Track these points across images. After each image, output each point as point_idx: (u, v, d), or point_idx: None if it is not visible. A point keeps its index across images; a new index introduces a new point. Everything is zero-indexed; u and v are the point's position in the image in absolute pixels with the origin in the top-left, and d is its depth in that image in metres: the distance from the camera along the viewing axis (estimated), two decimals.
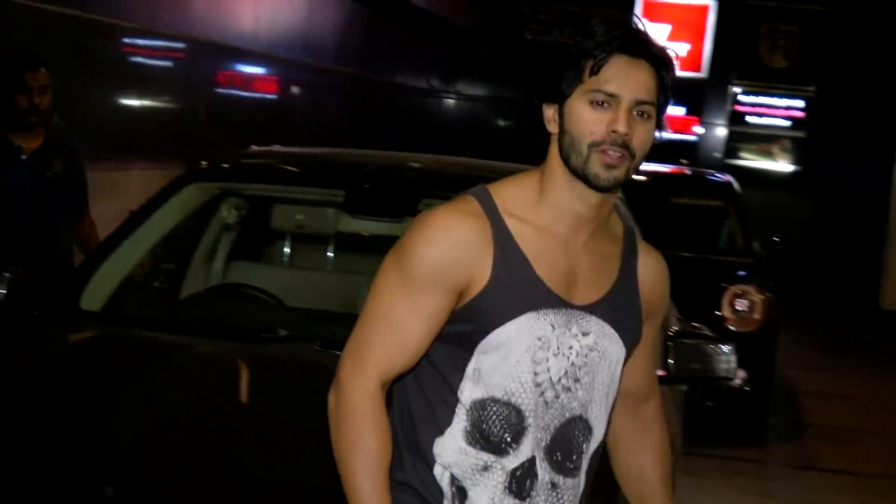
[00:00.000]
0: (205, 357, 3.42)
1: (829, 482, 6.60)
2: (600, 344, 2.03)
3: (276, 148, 4.77)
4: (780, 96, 18.41)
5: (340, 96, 13.66)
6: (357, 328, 1.99)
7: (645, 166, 10.17)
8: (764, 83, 18.42)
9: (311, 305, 4.21)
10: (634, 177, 2.01)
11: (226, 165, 4.31)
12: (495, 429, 1.97)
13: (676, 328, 3.59)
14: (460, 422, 1.99)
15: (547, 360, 1.98)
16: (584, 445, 2.06)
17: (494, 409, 1.97)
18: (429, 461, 2.01)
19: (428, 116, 17.12)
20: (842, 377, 9.72)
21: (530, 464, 2.00)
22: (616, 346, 2.05)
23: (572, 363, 2.00)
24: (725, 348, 3.48)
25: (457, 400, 1.99)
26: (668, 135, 18.70)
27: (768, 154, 18.53)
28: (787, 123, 18.44)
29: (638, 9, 18.49)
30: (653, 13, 18.51)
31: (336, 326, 3.92)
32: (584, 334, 2.01)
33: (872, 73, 17.18)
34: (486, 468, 1.98)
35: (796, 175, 18.31)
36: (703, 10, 18.44)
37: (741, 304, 7.44)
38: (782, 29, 18.19)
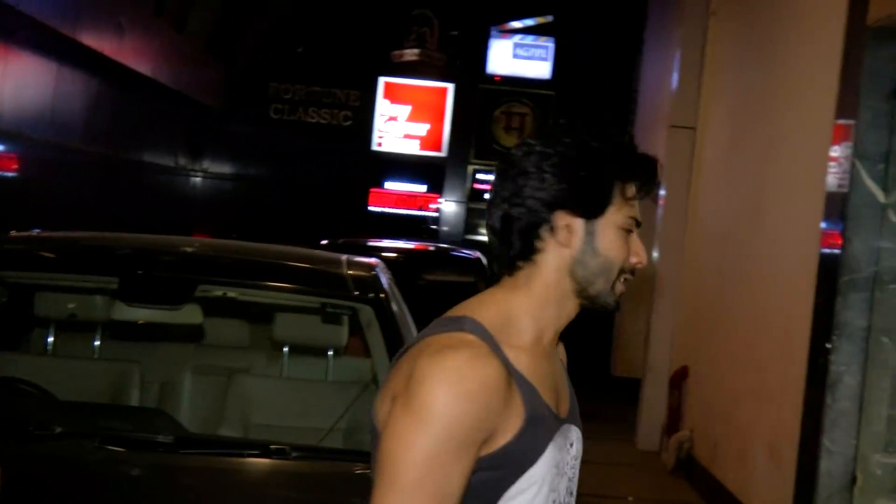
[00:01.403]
0: None
1: None
2: (579, 450, 1.95)
3: (37, 233, 4.71)
4: None
5: (87, 175, 13.37)
6: None
7: (394, 244, 10.54)
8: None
9: (83, 398, 4.16)
10: (388, 255, 1.92)
11: None
12: None
13: None
14: None
15: (559, 483, 1.87)
16: None
17: None
18: None
19: (176, 194, 16.95)
20: (587, 443, 10.15)
21: None
22: (581, 449, 1.96)
23: (569, 478, 1.92)
24: None
25: None
26: (410, 211, 19.20)
27: None
28: None
29: (380, 90, 18.99)
30: (394, 94, 19.02)
31: (114, 420, 3.92)
32: (571, 445, 1.91)
33: None
34: None
35: None
36: (442, 92, 19.08)
37: None
38: (515, 111, 19.00)
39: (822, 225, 6.12)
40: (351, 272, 4.27)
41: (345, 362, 4.86)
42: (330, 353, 4.73)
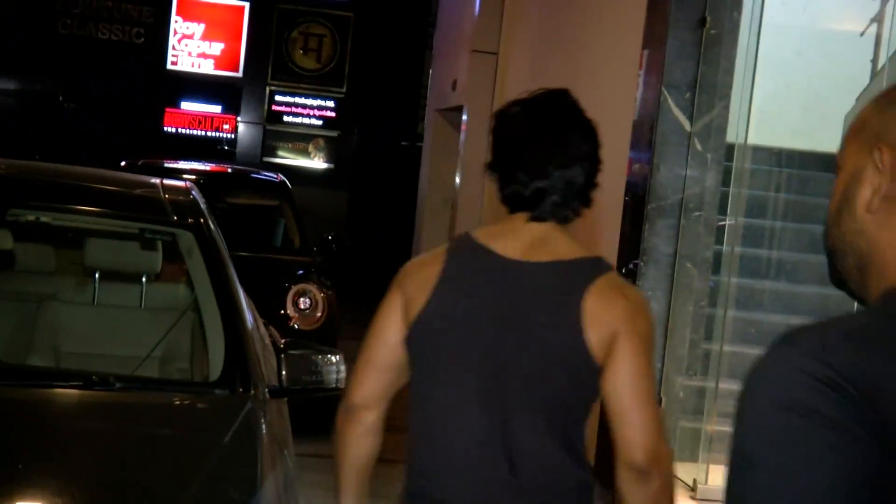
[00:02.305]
0: None
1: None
2: None
3: None
4: (313, 97, 18.91)
5: None
6: (650, 409, 2.31)
7: (191, 165, 10.26)
8: (298, 84, 18.85)
9: None
10: (188, 177, 2.06)
11: None
12: None
13: (285, 340, 3.69)
14: None
15: None
16: None
17: None
18: None
19: None
20: None
21: None
22: None
23: None
24: (334, 358, 3.62)
25: None
26: (206, 133, 18.75)
27: (304, 153, 19.00)
28: (320, 123, 19.00)
29: (173, 6, 18.35)
30: (188, 12, 18.43)
31: None
32: None
33: (397, 74, 18.13)
34: None
35: (330, 172, 18.96)
36: (239, 10, 18.60)
37: (304, 303, 7.69)
38: (313, 32, 18.72)
39: (630, 153, 6.25)
40: (168, 196, 4.12)
41: (159, 288, 4.72)
42: (143, 279, 4.58)
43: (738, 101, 6.02)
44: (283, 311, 7.58)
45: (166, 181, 4.42)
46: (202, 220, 3.97)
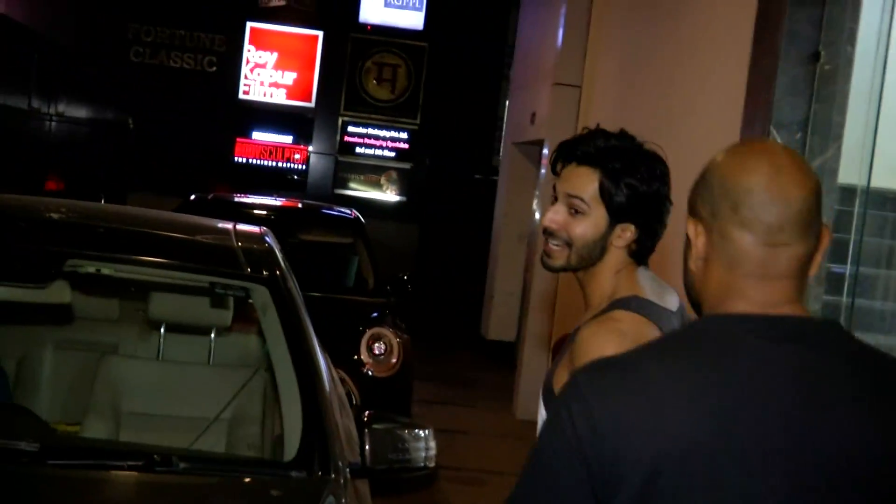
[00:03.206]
0: None
1: None
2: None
3: None
4: (387, 128, 18.61)
5: None
6: None
7: (262, 201, 9.94)
8: (371, 114, 18.57)
9: None
10: (258, 212, 2.02)
11: None
12: None
13: (368, 413, 3.29)
14: None
15: None
16: None
17: None
18: None
19: (28, 138, 15.90)
20: (465, 411, 9.85)
21: None
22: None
23: None
24: (423, 432, 3.22)
25: None
26: (276, 163, 18.53)
27: (376, 185, 18.71)
28: (393, 154, 18.71)
29: (246, 35, 18.18)
30: (261, 41, 18.25)
31: None
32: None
33: (472, 106, 17.80)
34: None
35: (401, 205, 18.65)
36: (313, 39, 18.37)
37: (378, 348, 7.31)
38: (387, 62, 18.46)
39: None
40: (242, 244, 3.75)
41: (228, 341, 4.35)
42: (212, 333, 4.21)
43: (852, 141, 5.57)
44: (356, 357, 7.20)
45: (240, 227, 4.05)
46: (278, 273, 3.59)
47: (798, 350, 1.65)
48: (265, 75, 18.37)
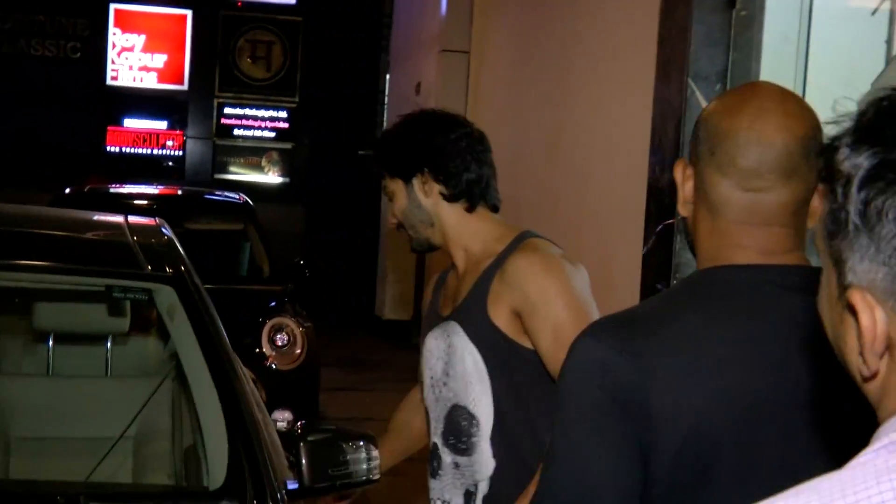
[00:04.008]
0: None
1: None
2: (452, 340, 2.62)
3: None
4: (265, 108, 18.12)
5: None
6: None
7: (141, 189, 9.39)
8: (247, 95, 18.04)
9: None
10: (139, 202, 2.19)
11: None
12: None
13: (301, 423, 2.88)
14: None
15: (432, 364, 2.68)
16: (472, 429, 2.59)
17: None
18: None
19: None
20: (369, 396, 9.51)
21: (434, 448, 2.69)
22: (461, 339, 2.60)
23: (444, 362, 2.63)
24: (362, 441, 2.83)
25: None
26: (151, 151, 17.87)
27: (257, 167, 18.21)
28: (273, 135, 18.22)
29: (111, 19, 17.41)
30: (126, 23, 17.51)
31: None
32: (447, 336, 2.64)
33: (352, 80, 17.42)
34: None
35: (285, 187, 18.16)
36: (181, 19, 17.69)
37: (281, 339, 6.88)
38: (261, 39, 17.91)
39: (651, 157, 5.54)
40: (138, 238, 3.29)
41: (128, 349, 3.89)
42: (108, 341, 3.75)
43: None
44: (258, 350, 6.76)
45: (132, 219, 3.59)
46: (184, 269, 3.15)
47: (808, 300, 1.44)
48: (133, 59, 17.64)
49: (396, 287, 13.13)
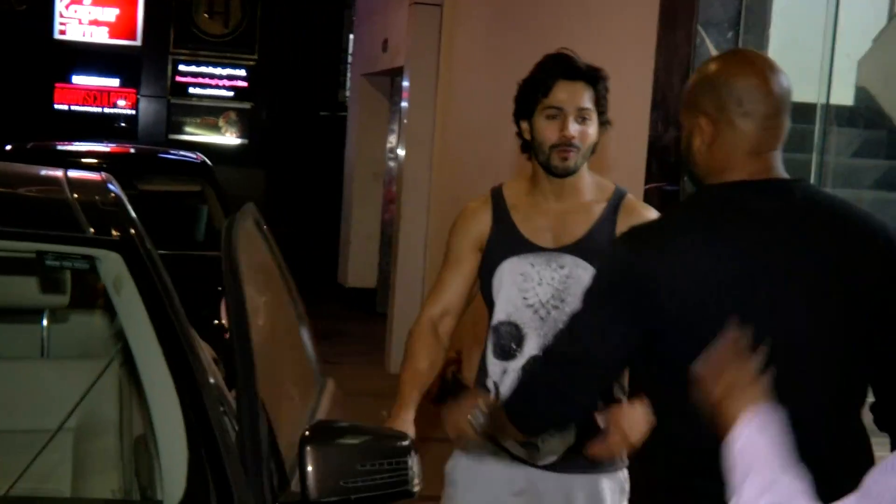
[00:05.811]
0: None
1: None
2: (571, 271, 3.00)
3: None
4: (222, 66, 17.74)
5: None
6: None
7: (91, 147, 8.82)
8: (204, 51, 17.64)
9: None
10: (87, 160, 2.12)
11: None
12: (504, 341, 3.04)
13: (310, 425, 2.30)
14: (490, 341, 3.07)
15: (533, 288, 3.03)
16: None
17: (503, 328, 3.05)
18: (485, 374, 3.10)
19: None
20: (334, 370, 9.01)
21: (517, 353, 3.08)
22: (584, 271, 2.95)
23: (556, 288, 3.01)
24: (405, 442, 2.29)
25: (488, 325, 3.08)
26: (102, 109, 17.35)
27: (214, 127, 17.79)
28: (231, 94, 17.87)
29: None
30: None
31: None
32: (561, 267, 3.01)
33: (313, 37, 17.01)
34: (504, 372, 3.05)
35: (244, 148, 17.74)
36: None
37: None
38: None
39: (652, 112, 5.10)
40: (79, 196, 2.75)
41: (68, 327, 3.38)
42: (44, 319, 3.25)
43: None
44: (216, 322, 6.25)
45: (72, 173, 3.05)
46: (133, 233, 2.63)
47: (784, 204, 2.23)
48: (83, 12, 17.16)
49: (360, 253, 12.70)
